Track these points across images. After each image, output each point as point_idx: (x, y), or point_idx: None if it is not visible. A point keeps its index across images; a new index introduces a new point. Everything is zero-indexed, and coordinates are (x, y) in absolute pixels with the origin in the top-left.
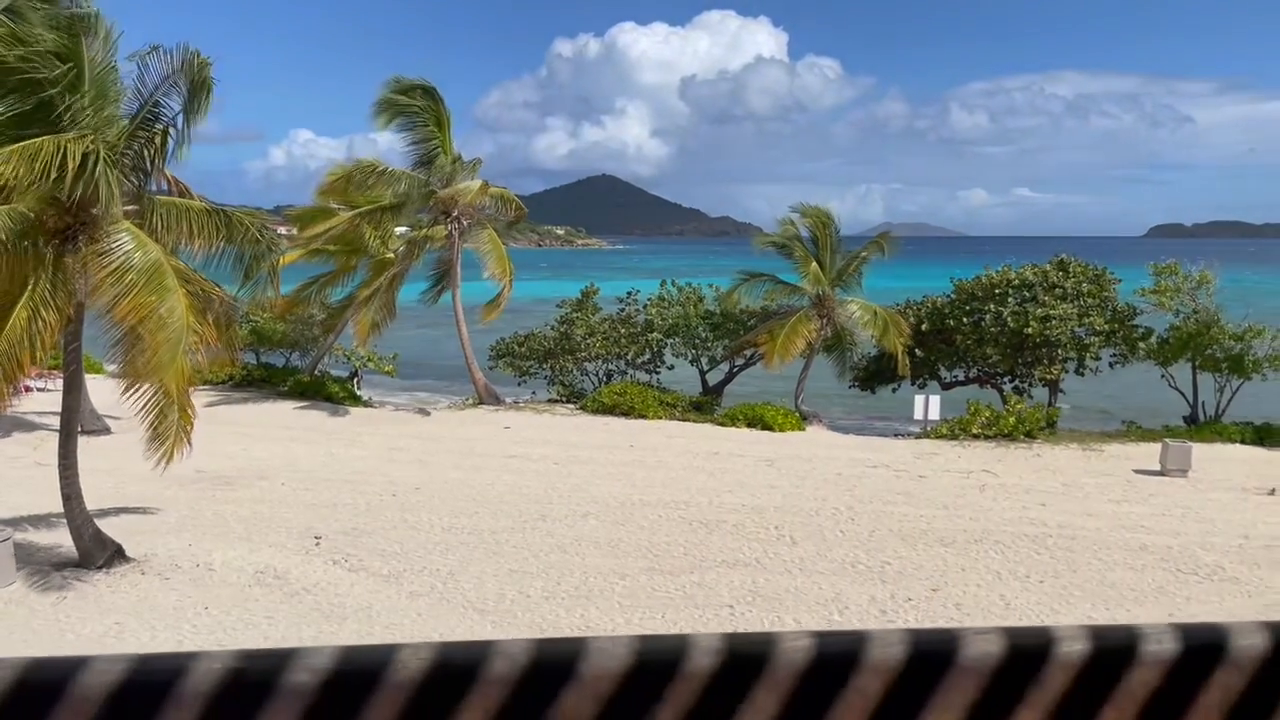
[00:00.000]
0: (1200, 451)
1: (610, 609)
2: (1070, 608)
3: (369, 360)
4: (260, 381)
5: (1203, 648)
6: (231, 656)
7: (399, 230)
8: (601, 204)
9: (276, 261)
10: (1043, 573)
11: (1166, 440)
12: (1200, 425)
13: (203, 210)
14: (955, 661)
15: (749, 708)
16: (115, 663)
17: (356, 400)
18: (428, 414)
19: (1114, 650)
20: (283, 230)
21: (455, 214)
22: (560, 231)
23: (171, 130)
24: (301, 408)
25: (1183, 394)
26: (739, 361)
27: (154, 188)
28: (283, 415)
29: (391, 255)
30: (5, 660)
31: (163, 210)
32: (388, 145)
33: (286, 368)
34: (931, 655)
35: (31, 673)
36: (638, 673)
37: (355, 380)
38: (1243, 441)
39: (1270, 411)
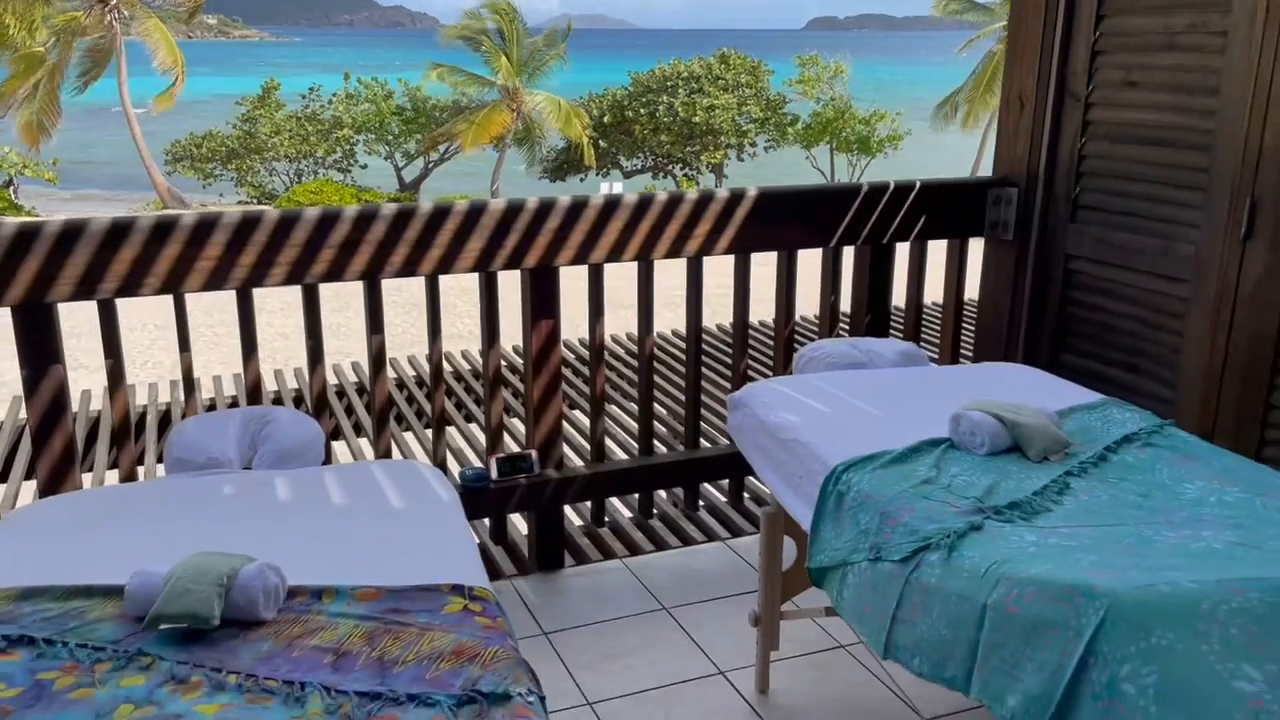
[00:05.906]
0: None
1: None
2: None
3: (24, 166)
4: None
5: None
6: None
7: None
8: None
9: None
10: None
11: None
12: None
13: None
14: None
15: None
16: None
17: (19, 210)
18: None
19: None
20: None
21: (114, 2)
22: (212, 21)
23: None
24: None
25: (822, 172)
26: (434, 157)
27: None
28: None
29: (40, 49)
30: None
31: None
32: None
33: None
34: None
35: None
36: (604, 206)
37: (11, 188)
38: None
39: None
